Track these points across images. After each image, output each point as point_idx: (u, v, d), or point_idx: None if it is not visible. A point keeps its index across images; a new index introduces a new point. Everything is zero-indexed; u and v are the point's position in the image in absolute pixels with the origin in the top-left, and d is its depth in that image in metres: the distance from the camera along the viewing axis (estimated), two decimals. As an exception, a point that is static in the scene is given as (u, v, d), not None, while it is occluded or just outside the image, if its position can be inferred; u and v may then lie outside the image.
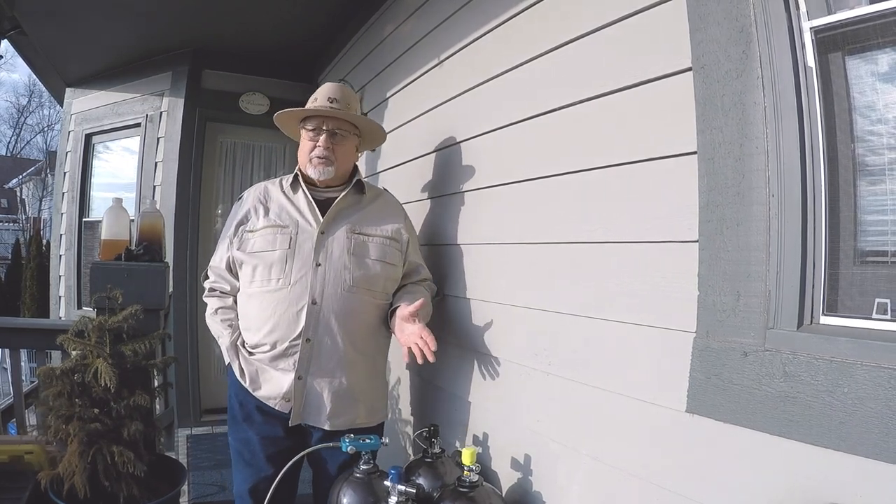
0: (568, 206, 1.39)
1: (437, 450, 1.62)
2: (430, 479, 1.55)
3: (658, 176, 1.14)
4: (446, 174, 1.95)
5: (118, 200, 2.64)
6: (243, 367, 1.64)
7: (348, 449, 1.45)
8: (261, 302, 1.62)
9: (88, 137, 4.40)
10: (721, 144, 1.00)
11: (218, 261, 1.73)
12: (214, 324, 1.71)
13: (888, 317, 0.83)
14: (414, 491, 1.41)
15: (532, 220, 1.52)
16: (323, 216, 1.66)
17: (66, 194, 4.51)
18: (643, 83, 1.17)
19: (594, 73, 1.31)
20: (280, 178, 1.79)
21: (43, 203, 19.32)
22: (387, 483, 1.40)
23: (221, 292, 1.73)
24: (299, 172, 1.73)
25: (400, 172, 2.34)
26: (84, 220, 4.36)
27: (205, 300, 1.77)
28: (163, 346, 2.62)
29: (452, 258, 1.87)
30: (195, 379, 3.79)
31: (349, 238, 1.65)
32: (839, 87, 0.91)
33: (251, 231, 1.67)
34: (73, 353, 2.07)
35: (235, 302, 1.71)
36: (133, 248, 2.42)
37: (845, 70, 0.91)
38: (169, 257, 3.01)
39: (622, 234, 1.22)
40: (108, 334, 2.03)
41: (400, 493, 1.38)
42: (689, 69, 1.06)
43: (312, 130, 1.70)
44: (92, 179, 4.43)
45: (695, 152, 1.04)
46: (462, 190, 1.84)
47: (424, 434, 1.64)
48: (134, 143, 4.11)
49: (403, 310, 1.58)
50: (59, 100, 4.99)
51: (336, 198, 1.69)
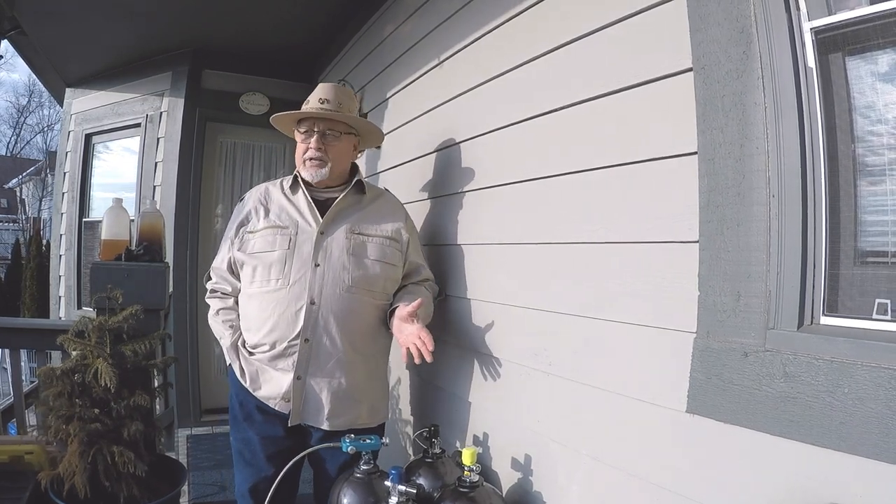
0: (569, 206, 1.39)
1: (437, 450, 1.62)
2: (430, 480, 1.55)
3: (658, 176, 1.14)
4: (447, 174, 1.95)
5: (118, 200, 2.64)
6: (244, 367, 1.65)
7: (349, 449, 1.46)
8: (260, 302, 1.63)
9: (88, 137, 4.40)
10: (721, 145, 1.00)
11: (219, 262, 1.75)
12: (216, 325, 1.73)
13: (888, 317, 0.83)
14: (414, 491, 1.41)
15: (533, 221, 1.52)
16: (323, 216, 1.66)
17: (66, 194, 4.51)
18: (644, 83, 1.17)
19: (594, 73, 1.31)
20: (281, 179, 1.79)
21: (43, 203, 19.30)
22: (387, 483, 1.40)
23: (223, 293, 1.74)
24: (299, 174, 1.73)
25: (400, 172, 2.34)
26: (84, 220, 4.36)
27: (207, 301, 1.78)
28: (163, 347, 2.62)
29: (453, 258, 1.87)
30: (195, 379, 3.79)
31: (348, 238, 1.65)
32: (839, 88, 0.91)
33: (252, 232, 1.68)
34: (74, 353, 2.07)
35: (237, 303, 1.72)
36: (133, 248, 2.42)
37: (845, 70, 0.91)
38: (169, 257, 3.01)
39: (623, 234, 1.22)
40: (109, 334, 2.03)
41: (400, 494, 1.38)
42: (690, 69, 1.06)
43: (305, 132, 1.70)
44: (92, 179, 4.43)
45: (695, 152, 1.04)
46: (463, 190, 1.84)
47: (425, 434, 1.64)
48: (134, 143, 4.11)
49: (402, 310, 1.58)
50: (59, 100, 4.98)
51: (336, 198, 1.69)
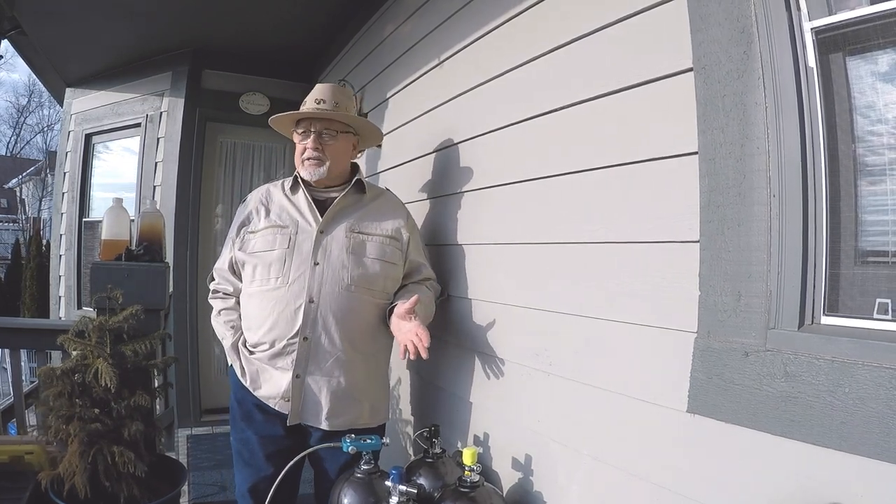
0: (569, 206, 1.39)
1: (437, 450, 1.62)
2: (430, 480, 1.55)
3: (659, 176, 1.14)
4: (447, 174, 1.95)
5: (118, 200, 2.64)
6: (244, 366, 1.65)
7: (349, 449, 1.46)
8: (260, 301, 1.63)
9: (88, 137, 4.40)
10: (722, 145, 1.00)
11: (221, 262, 1.76)
12: (218, 325, 1.74)
13: (889, 317, 0.83)
14: (415, 491, 1.41)
15: (533, 221, 1.52)
16: (323, 216, 1.66)
17: (66, 194, 4.51)
18: (644, 83, 1.17)
19: (595, 73, 1.31)
20: (283, 180, 1.80)
21: (43, 203, 19.29)
22: (388, 483, 1.40)
23: (225, 294, 1.75)
24: (298, 174, 1.74)
25: (400, 172, 2.34)
26: (84, 220, 4.36)
27: (210, 302, 1.79)
28: (163, 346, 2.62)
29: (453, 258, 1.87)
30: (195, 379, 3.79)
31: (348, 237, 1.65)
32: (840, 87, 0.91)
33: (253, 232, 1.69)
34: (74, 353, 2.07)
35: (238, 303, 1.72)
36: (133, 248, 2.42)
37: (846, 70, 0.91)
38: (169, 257, 3.01)
39: (623, 234, 1.22)
40: (109, 334, 2.03)
41: (401, 494, 1.38)
42: (690, 69, 1.06)
43: (302, 133, 1.71)
44: (92, 179, 4.42)
45: (696, 152, 1.04)
46: (463, 190, 1.84)
47: (425, 434, 1.64)
48: (134, 143, 4.11)
49: (399, 307, 1.58)
50: (59, 100, 4.98)
51: (336, 197, 1.69)
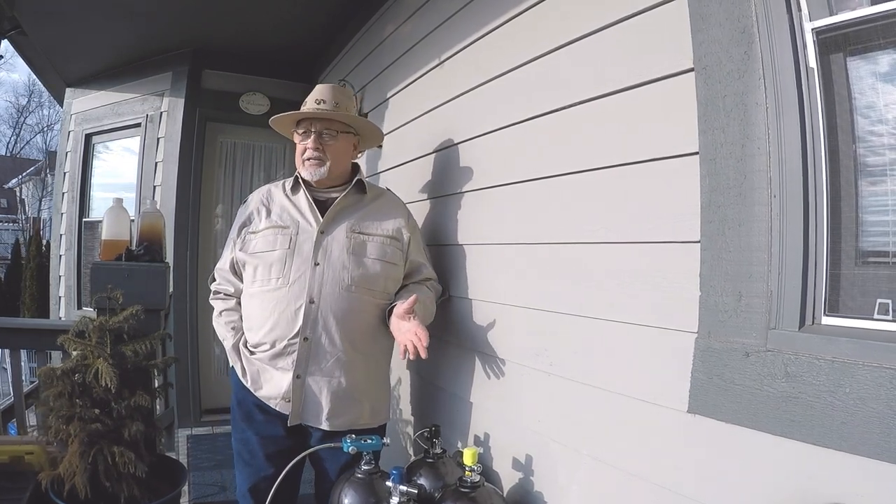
0: (569, 206, 1.39)
1: (438, 450, 1.62)
2: (431, 480, 1.55)
3: (660, 176, 1.14)
4: (447, 174, 1.95)
5: (119, 200, 2.64)
6: (245, 367, 1.65)
7: (350, 449, 1.46)
8: (261, 301, 1.63)
9: (88, 137, 4.40)
10: (723, 145, 1.00)
11: (223, 263, 1.76)
12: (219, 326, 1.74)
13: (889, 317, 0.83)
14: (415, 491, 1.41)
15: (533, 221, 1.52)
16: (323, 216, 1.66)
17: (66, 194, 4.51)
18: (645, 84, 1.17)
19: (595, 73, 1.31)
20: (283, 180, 1.80)
21: (43, 203, 19.29)
22: (388, 483, 1.40)
23: (226, 294, 1.75)
24: (299, 174, 1.74)
25: (401, 172, 2.34)
26: (84, 220, 4.36)
27: (211, 303, 1.79)
28: (163, 347, 2.62)
29: (454, 258, 1.87)
30: (195, 379, 3.79)
31: (349, 237, 1.65)
32: (841, 88, 0.91)
33: (254, 232, 1.69)
34: (74, 353, 2.07)
35: (239, 303, 1.72)
36: (133, 248, 2.42)
37: (847, 71, 0.91)
38: (169, 257, 3.01)
39: (623, 234, 1.22)
40: (109, 334, 2.03)
41: (401, 494, 1.38)
42: (691, 70, 1.06)
43: (302, 133, 1.71)
44: (92, 179, 4.42)
45: (696, 153, 1.04)
46: (463, 190, 1.84)
47: (426, 434, 1.64)
48: (134, 143, 4.11)
49: (399, 307, 1.58)
50: (59, 100, 4.98)
51: (337, 198, 1.69)
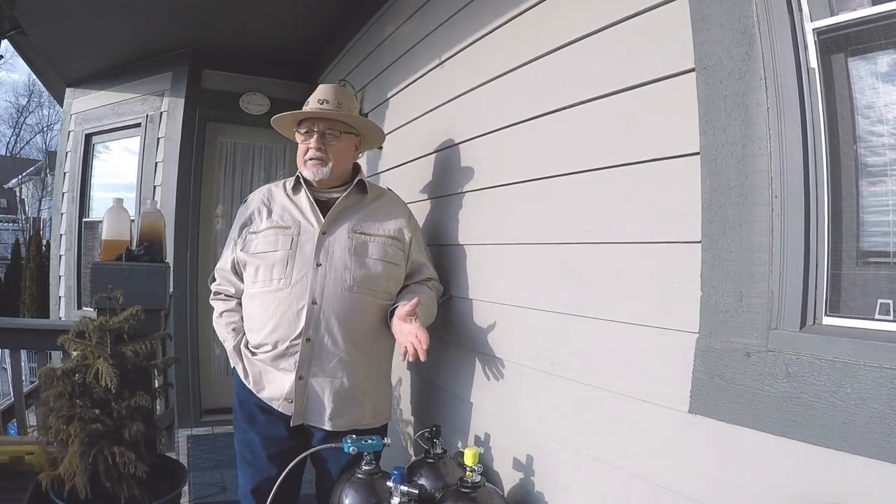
0: (570, 206, 1.39)
1: (438, 450, 1.62)
2: (432, 480, 1.55)
3: (660, 177, 1.14)
4: (448, 174, 1.95)
5: (119, 201, 2.63)
6: (247, 368, 1.65)
7: (350, 450, 1.46)
8: (263, 302, 1.63)
9: (88, 137, 4.39)
10: (724, 145, 1.00)
11: (223, 263, 1.75)
12: (220, 328, 1.73)
13: (890, 317, 0.83)
14: (416, 491, 1.41)
15: (534, 221, 1.52)
16: (325, 216, 1.66)
17: (65, 194, 4.50)
18: (645, 84, 1.18)
19: (596, 73, 1.31)
20: (284, 180, 1.79)
21: (43, 203, 19.28)
22: (389, 483, 1.40)
23: (226, 295, 1.74)
24: (300, 174, 1.73)
25: (401, 173, 2.34)
26: (84, 220, 4.36)
27: (211, 303, 1.78)
28: (163, 347, 2.62)
29: (454, 258, 1.87)
30: (195, 379, 3.79)
31: (350, 238, 1.65)
32: (841, 88, 0.91)
33: (255, 232, 1.69)
34: (74, 353, 2.07)
35: (240, 304, 1.72)
36: (134, 248, 2.42)
37: (848, 71, 0.91)
38: (169, 257, 3.01)
39: (624, 234, 1.22)
40: (109, 335, 2.02)
41: (402, 494, 1.38)
42: (692, 70, 1.06)
43: (305, 133, 1.71)
44: (92, 179, 4.42)
45: (697, 153, 1.05)
46: (463, 190, 1.84)
47: (426, 434, 1.64)
48: (134, 143, 4.11)
49: (400, 309, 1.58)
50: (59, 100, 4.98)
51: (338, 198, 1.69)
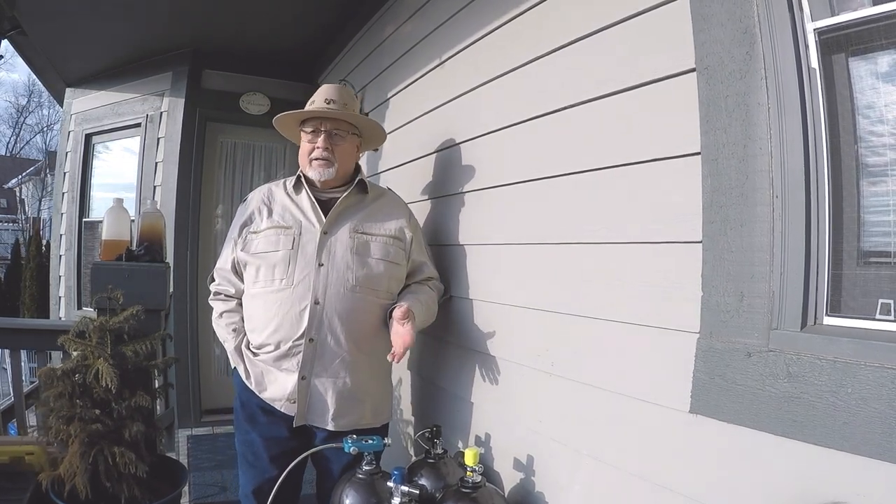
0: (571, 206, 1.39)
1: (439, 450, 1.62)
2: (432, 480, 1.55)
3: (661, 176, 1.14)
4: (448, 174, 1.95)
5: (119, 201, 2.63)
6: (249, 369, 1.65)
7: (351, 450, 1.46)
8: (264, 302, 1.62)
9: (88, 137, 4.39)
10: (725, 145, 1.00)
11: (223, 262, 1.73)
12: (220, 328, 1.72)
13: (891, 317, 0.83)
14: (417, 492, 1.41)
15: (534, 221, 1.52)
16: (326, 216, 1.66)
17: (65, 194, 4.50)
18: (646, 84, 1.18)
19: (597, 73, 1.31)
20: (284, 179, 1.79)
21: (42, 203, 19.28)
22: (390, 484, 1.40)
23: (226, 295, 1.73)
24: (302, 174, 1.73)
25: (401, 173, 2.34)
26: (84, 220, 4.35)
27: (210, 303, 1.77)
28: (163, 347, 2.62)
29: (454, 258, 1.87)
30: (196, 379, 3.79)
31: (352, 238, 1.65)
32: (842, 88, 0.91)
33: (255, 232, 1.68)
34: (74, 353, 2.06)
35: (240, 304, 1.71)
36: (134, 248, 2.42)
37: (849, 71, 0.91)
38: (170, 258, 3.01)
39: (625, 234, 1.22)
40: (109, 335, 2.02)
41: (403, 494, 1.38)
42: (693, 70, 1.06)
43: (311, 132, 1.70)
44: (92, 180, 4.42)
45: (698, 153, 1.05)
46: (464, 190, 1.84)
47: (427, 435, 1.64)
48: (134, 143, 4.10)
49: (396, 311, 1.58)
50: (59, 100, 4.98)
51: (339, 198, 1.69)
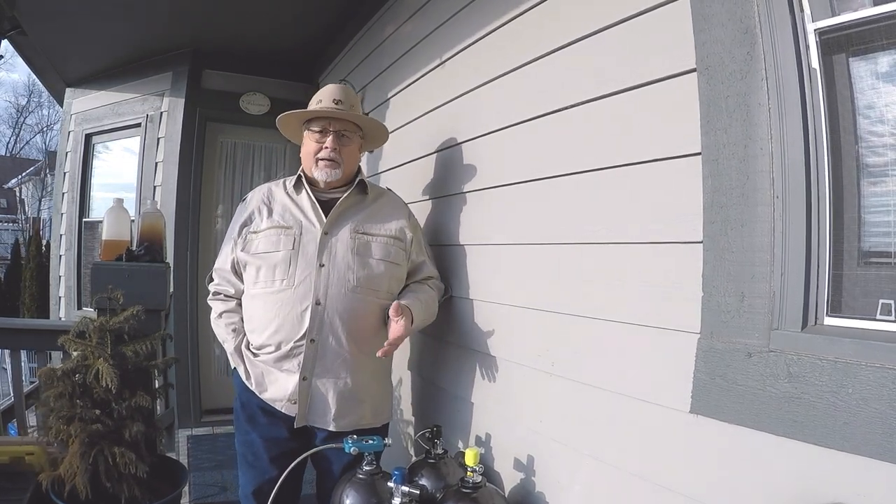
0: (571, 206, 1.39)
1: (439, 451, 1.62)
2: (433, 480, 1.55)
3: (662, 177, 1.14)
4: (448, 174, 1.95)
5: (119, 201, 2.64)
6: (249, 369, 1.64)
7: (351, 450, 1.46)
8: (265, 303, 1.62)
9: (88, 137, 4.39)
10: (725, 146, 1.00)
11: (222, 262, 1.72)
12: (219, 329, 1.71)
13: (892, 318, 0.83)
14: (417, 492, 1.41)
15: (535, 221, 1.52)
16: (326, 217, 1.66)
17: (65, 194, 4.50)
18: (647, 84, 1.17)
19: (597, 73, 1.31)
20: (283, 179, 1.78)
21: (42, 203, 19.29)
22: (390, 484, 1.40)
23: (226, 296, 1.72)
24: (303, 174, 1.72)
25: (402, 173, 2.34)
26: (84, 220, 4.35)
27: (209, 303, 1.77)
28: (163, 347, 2.62)
29: (455, 258, 1.87)
30: (196, 379, 3.79)
31: (353, 238, 1.65)
32: (843, 89, 0.91)
33: (255, 232, 1.67)
34: (74, 353, 2.06)
35: (240, 304, 1.71)
36: (134, 248, 2.42)
37: (849, 71, 0.91)
38: (170, 258, 3.01)
39: (625, 234, 1.22)
40: (110, 335, 2.02)
41: (403, 494, 1.38)
42: (694, 70, 1.06)
43: (318, 132, 1.68)
44: (92, 180, 4.42)
45: (699, 153, 1.04)
46: (464, 190, 1.84)
47: (427, 435, 1.64)
48: (134, 143, 4.11)
49: (391, 309, 1.55)
50: (59, 100, 4.98)
51: (339, 198, 1.69)
